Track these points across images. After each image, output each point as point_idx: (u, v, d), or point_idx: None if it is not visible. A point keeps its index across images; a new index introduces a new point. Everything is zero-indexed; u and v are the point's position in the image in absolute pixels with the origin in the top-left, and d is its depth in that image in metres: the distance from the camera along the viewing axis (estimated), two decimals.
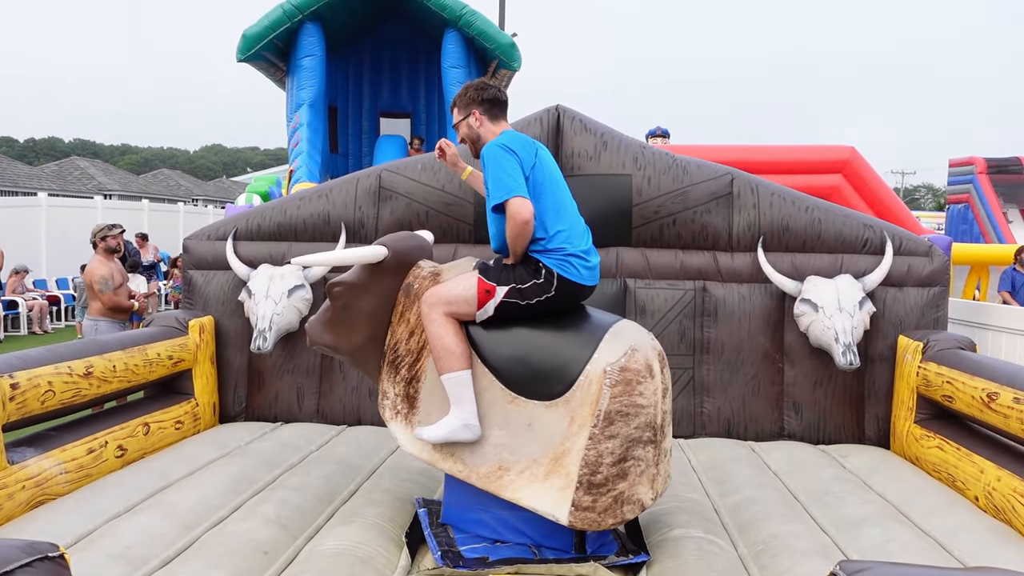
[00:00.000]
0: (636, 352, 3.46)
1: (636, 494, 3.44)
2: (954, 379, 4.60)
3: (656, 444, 3.49)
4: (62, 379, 4.28)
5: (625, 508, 3.42)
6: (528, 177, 3.53)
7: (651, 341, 3.59)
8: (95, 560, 3.21)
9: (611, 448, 3.37)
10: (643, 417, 3.42)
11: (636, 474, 3.43)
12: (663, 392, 3.52)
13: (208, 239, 5.92)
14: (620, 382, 3.39)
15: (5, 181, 32.83)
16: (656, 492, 3.52)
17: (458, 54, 11.03)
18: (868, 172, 9.94)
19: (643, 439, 3.43)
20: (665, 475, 3.58)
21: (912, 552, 3.50)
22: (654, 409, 3.46)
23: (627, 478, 3.41)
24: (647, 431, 3.44)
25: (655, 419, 3.46)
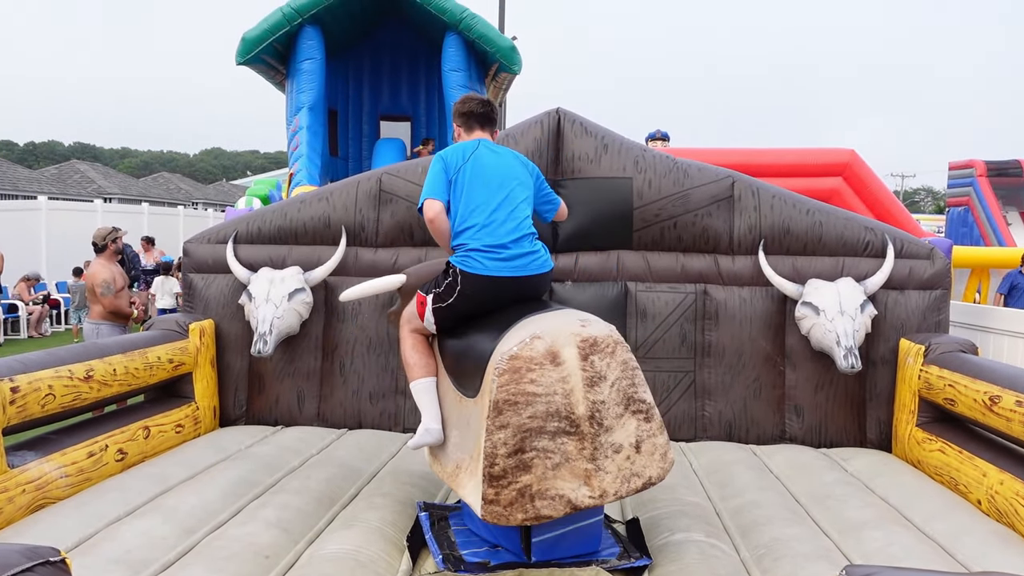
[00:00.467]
0: (537, 340, 3.32)
1: (553, 489, 3.23)
2: (956, 382, 4.59)
3: (579, 436, 3.27)
4: (62, 383, 4.27)
5: (539, 503, 3.22)
6: (452, 180, 3.79)
7: (576, 329, 3.39)
8: (95, 564, 3.20)
9: (504, 439, 3.24)
10: (539, 406, 3.25)
11: (547, 467, 3.24)
12: (588, 382, 3.30)
13: (208, 243, 5.92)
14: (508, 371, 3.28)
15: (5, 184, 32.84)
16: (601, 490, 3.28)
17: (458, 57, 11.04)
18: (868, 175, 9.94)
19: (546, 430, 3.25)
20: (621, 473, 3.32)
21: (914, 556, 3.49)
22: (558, 397, 3.26)
23: (531, 471, 3.23)
24: (551, 421, 3.25)
25: (563, 408, 3.26)
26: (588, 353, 3.33)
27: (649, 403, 3.42)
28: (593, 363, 3.32)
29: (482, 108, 4.00)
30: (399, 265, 5.78)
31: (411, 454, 5.04)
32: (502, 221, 3.70)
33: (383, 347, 5.73)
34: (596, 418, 3.30)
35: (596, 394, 3.31)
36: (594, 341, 3.35)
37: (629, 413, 3.38)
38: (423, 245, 5.79)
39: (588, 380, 3.30)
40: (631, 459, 3.36)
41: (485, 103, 4.03)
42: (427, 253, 5.78)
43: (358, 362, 5.74)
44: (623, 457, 3.34)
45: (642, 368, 5.51)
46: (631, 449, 3.36)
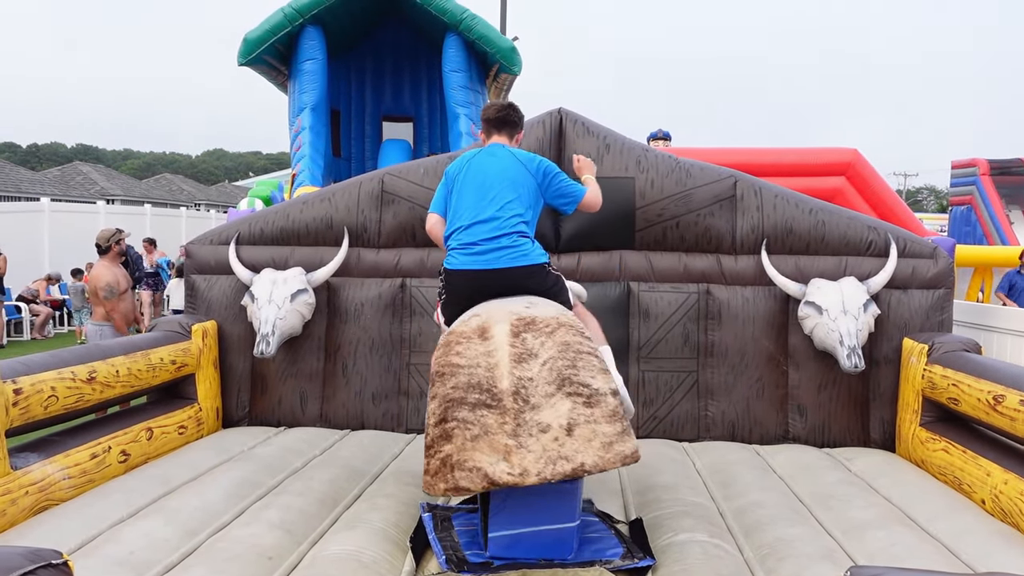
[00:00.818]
0: (475, 318, 3.44)
1: (472, 461, 3.22)
2: (960, 381, 4.58)
3: (499, 410, 3.27)
4: (65, 384, 4.27)
5: (458, 475, 3.22)
6: (450, 190, 4.10)
7: (517, 310, 3.47)
8: (98, 566, 3.19)
9: (433, 409, 3.34)
10: (461, 377, 3.30)
11: (466, 438, 3.25)
12: (515, 357, 3.32)
13: (211, 244, 5.92)
14: (442, 345, 3.44)
15: (8, 186, 32.90)
16: (522, 468, 3.20)
17: (459, 58, 11.04)
18: (871, 174, 9.93)
19: (468, 401, 3.28)
20: (547, 454, 3.22)
21: (918, 556, 3.48)
22: (481, 370, 3.30)
23: (452, 441, 3.25)
24: (473, 392, 3.29)
25: (484, 381, 3.29)
26: (520, 331, 3.38)
27: (594, 389, 3.32)
28: (524, 340, 3.36)
29: (496, 113, 4.19)
30: (401, 266, 5.78)
31: (414, 455, 5.04)
32: (483, 221, 3.87)
33: (385, 348, 5.74)
34: (521, 394, 3.29)
35: (523, 371, 3.31)
36: (531, 320, 3.40)
37: (563, 394, 3.30)
38: (425, 246, 5.79)
39: (516, 356, 3.33)
40: (559, 441, 3.25)
41: (501, 108, 4.21)
42: (429, 254, 5.78)
43: (360, 363, 5.74)
44: (550, 438, 3.25)
45: (645, 368, 5.51)
46: (561, 431, 3.26)
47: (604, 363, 3.45)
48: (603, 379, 3.35)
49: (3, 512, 3.67)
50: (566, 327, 3.39)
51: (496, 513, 3.46)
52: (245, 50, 10.80)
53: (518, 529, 3.46)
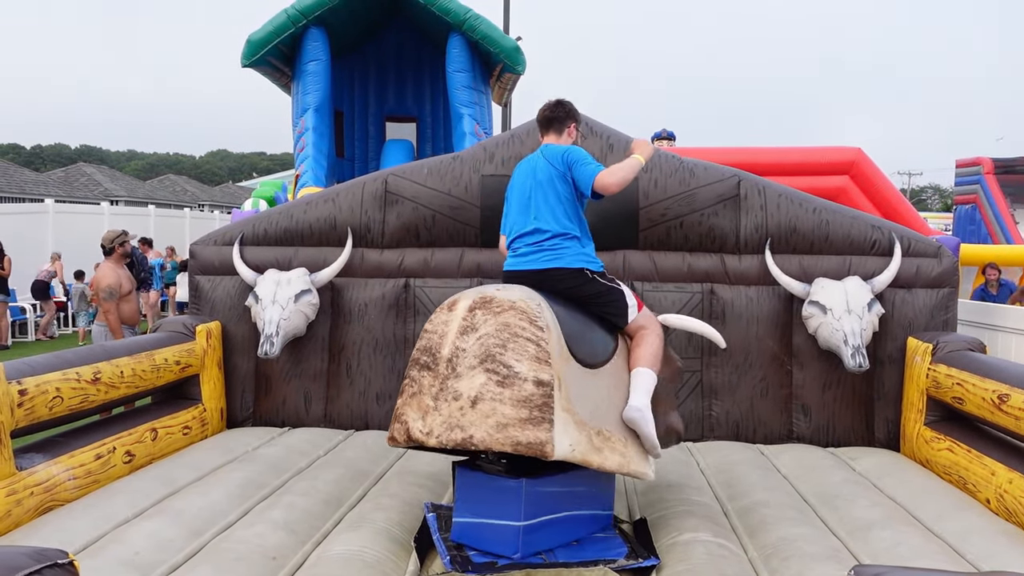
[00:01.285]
0: (461, 298, 3.61)
1: (404, 415, 3.49)
2: (964, 381, 4.57)
3: (434, 373, 3.43)
4: (70, 385, 4.28)
5: (395, 425, 3.53)
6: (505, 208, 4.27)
7: (488, 291, 3.59)
8: (104, 566, 3.20)
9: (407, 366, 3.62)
10: (423, 341, 3.56)
11: (409, 395, 3.51)
12: (461, 329, 3.45)
13: (215, 244, 5.93)
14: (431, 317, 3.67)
15: (12, 188, 32.96)
16: (429, 428, 3.35)
17: (462, 58, 11.04)
18: (875, 173, 9.91)
19: (420, 361, 3.52)
20: (449, 420, 3.31)
21: (923, 555, 3.48)
22: (438, 337, 3.50)
23: (402, 395, 3.55)
24: (425, 355, 3.51)
25: (437, 346, 3.48)
26: (475, 307, 3.50)
27: (514, 371, 3.31)
28: (474, 315, 3.48)
29: (541, 114, 4.29)
30: (405, 266, 5.79)
31: (418, 455, 5.04)
32: (526, 234, 4.01)
33: (389, 348, 5.74)
34: (453, 362, 3.42)
35: (463, 342, 3.44)
36: (489, 300, 3.51)
37: (482, 368, 3.34)
38: (429, 246, 5.80)
39: (462, 328, 3.47)
40: (463, 411, 3.31)
41: (546, 107, 4.28)
42: (433, 254, 5.78)
43: (364, 363, 5.75)
44: (457, 406, 3.33)
45: None
46: (467, 401, 3.31)
47: (543, 352, 3.38)
48: (531, 366, 3.33)
49: (8, 513, 3.68)
50: (517, 311, 3.44)
51: (458, 500, 3.72)
52: (249, 51, 10.82)
53: (472, 518, 3.64)
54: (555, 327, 3.55)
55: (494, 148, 5.80)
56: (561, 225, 3.94)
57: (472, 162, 5.76)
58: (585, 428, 3.48)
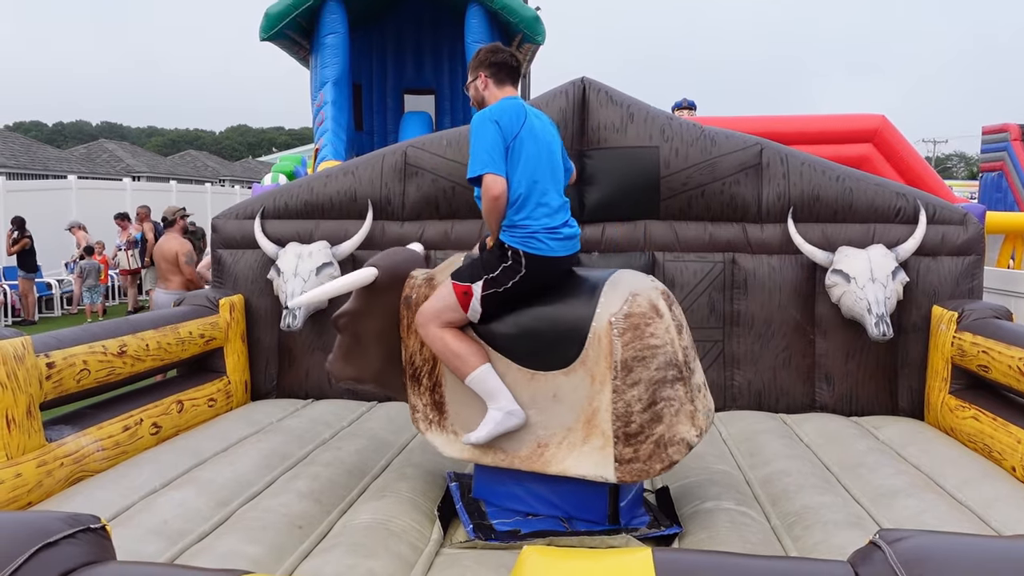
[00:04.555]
0: (637, 296, 3.49)
1: (678, 434, 3.40)
2: (990, 348, 4.53)
3: (684, 381, 3.44)
4: (96, 358, 4.33)
5: (670, 450, 3.40)
6: (509, 147, 3.48)
7: (652, 283, 3.60)
8: (134, 535, 3.26)
9: (637, 395, 3.39)
10: (661, 357, 3.41)
11: (671, 414, 3.40)
12: (677, 329, 3.48)
13: (236, 218, 5.95)
14: (628, 329, 3.42)
15: (36, 164, 33.20)
16: (700, 428, 3.45)
17: (481, 29, 10.95)
18: (899, 141, 9.77)
19: (668, 379, 3.41)
20: (706, 410, 3.51)
21: (947, 523, 3.47)
22: (671, 347, 3.42)
23: (663, 421, 3.40)
24: (670, 370, 3.41)
25: (675, 356, 3.42)
26: (671, 303, 3.56)
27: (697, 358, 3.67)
28: (675, 312, 3.55)
29: (516, 61, 3.77)
30: (425, 238, 5.79)
31: None
32: (553, 197, 3.58)
33: None
34: (687, 362, 3.49)
35: (683, 340, 3.51)
36: (666, 291, 3.60)
37: (695, 355, 3.59)
38: (449, 218, 5.79)
39: (677, 327, 3.51)
40: (704, 395, 3.55)
41: (510, 54, 3.80)
42: (453, 226, 5.78)
43: None
44: (703, 396, 3.54)
45: None
46: (704, 387, 3.58)
47: None
48: None
49: (40, 483, 3.75)
50: (670, 294, 3.64)
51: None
52: (267, 25, 10.78)
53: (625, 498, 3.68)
54: None
55: None
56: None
57: None
58: None
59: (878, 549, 1.77)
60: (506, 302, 3.59)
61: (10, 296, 14.53)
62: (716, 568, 1.78)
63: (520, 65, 3.83)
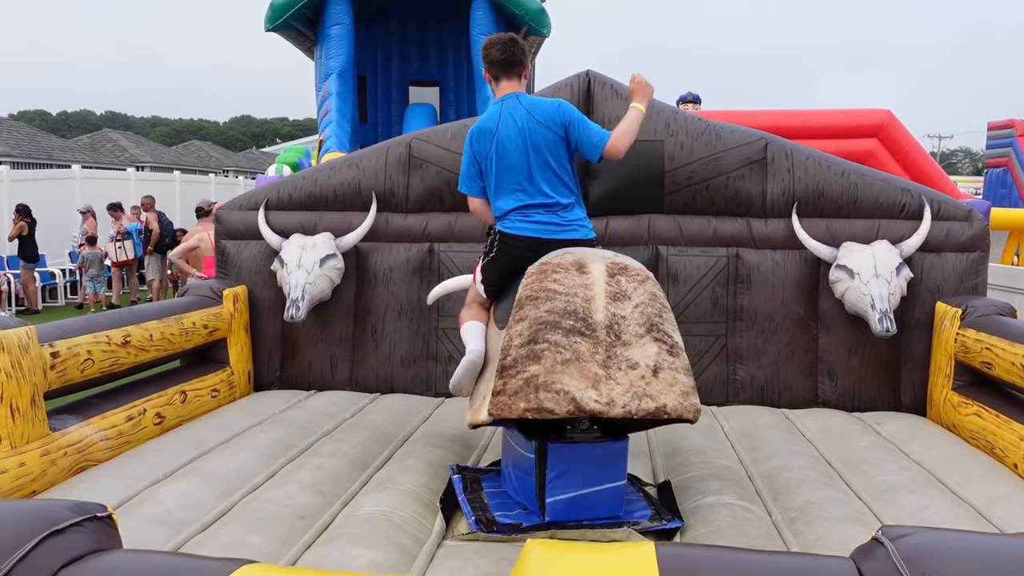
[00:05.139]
0: (568, 254, 3.54)
1: (559, 384, 3.24)
2: (993, 345, 4.53)
3: (593, 339, 3.31)
4: (100, 348, 4.34)
5: (542, 395, 3.24)
6: (482, 166, 3.98)
7: (608, 255, 3.59)
8: (137, 524, 3.27)
9: (519, 331, 3.38)
10: (557, 302, 3.38)
11: (555, 361, 3.28)
12: (610, 295, 3.40)
13: (240, 209, 5.95)
14: (534, 273, 3.53)
15: (40, 154, 33.23)
16: (609, 398, 3.25)
17: (486, 21, 10.94)
18: (904, 136, 9.77)
19: (561, 325, 3.33)
20: (633, 389, 3.27)
21: (949, 519, 3.47)
22: (576, 299, 3.38)
23: (540, 362, 3.28)
24: (567, 319, 3.34)
25: (578, 308, 3.36)
26: (615, 273, 3.49)
27: (676, 341, 3.43)
28: (619, 282, 3.47)
29: (502, 54, 3.87)
30: (429, 230, 5.79)
31: (443, 418, 5.09)
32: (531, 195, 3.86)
33: (414, 312, 5.76)
34: (614, 329, 3.37)
35: (618, 308, 3.41)
36: (625, 266, 3.55)
37: (651, 338, 3.38)
38: (453, 210, 5.79)
39: (611, 294, 3.43)
40: (646, 379, 3.31)
41: (505, 46, 3.88)
42: (457, 218, 5.78)
43: (390, 327, 5.78)
44: (638, 375, 3.31)
45: None
46: (647, 370, 3.32)
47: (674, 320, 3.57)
48: (678, 335, 3.48)
49: (43, 472, 3.76)
50: (652, 280, 3.55)
51: (554, 478, 3.48)
52: (272, 15, 10.78)
53: (575, 492, 3.51)
54: None
55: None
56: (572, 194, 3.91)
57: None
58: None
59: (880, 545, 1.77)
60: (499, 275, 4.02)
61: (14, 285, 14.55)
62: (718, 563, 1.79)
63: (511, 55, 3.89)
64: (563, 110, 3.84)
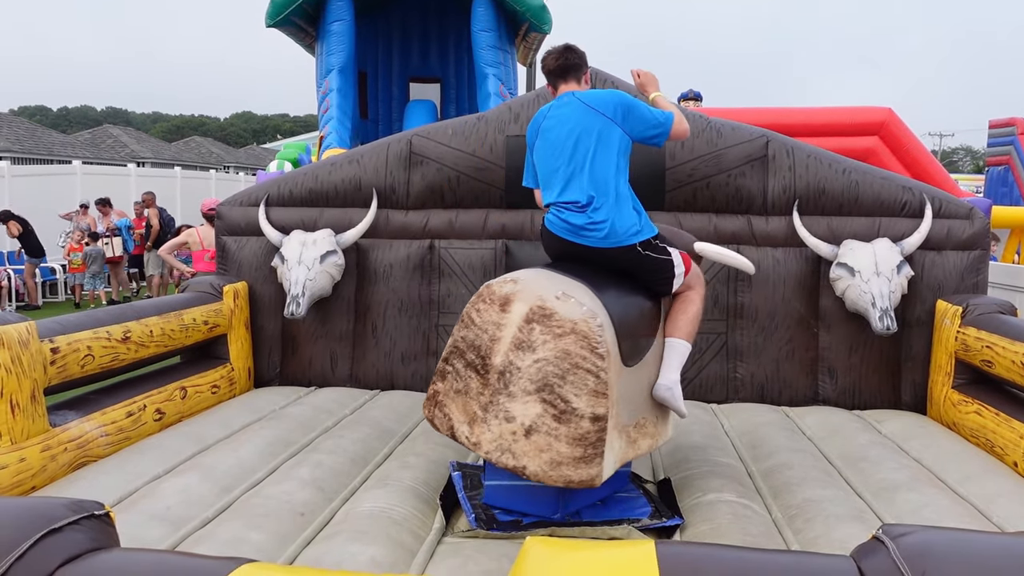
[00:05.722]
0: (510, 283, 3.42)
1: (447, 408, 3.41)
2: (994, 344, 4.53)
3: (484, 380, 3.29)
4: (100, 343, 4.34)
5: (436, 412, 3.47)
6: (531, 158, 3.98)
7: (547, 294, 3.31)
8: (137, 520, 3.27)
9: (448, 344, 3.52)
10: (470, 332, 3.40)
11: (451, 387, 3.42)
12: (515, 342, 3.25)
13: (240, 205, 5.95)
14: (477, 294, 3.51)
15: (40, 149, 33.22)
16: (477, 439, 3.26)
17: (488, 17, 10.92)
18: (905, 134, 9.76)
19: (465, 357, 3.39)
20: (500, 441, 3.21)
21: (949, 517, 3.47)
22: (488, 339, 3.32)
23: (444, 381, 3.48)
24: (471, 351, 3.37)
25: (487, 350, 3.30)
26: (533, 320, 3.27)
27: (572, 407, 3.17)
28: (532, 331, 3.26)
29: (556, 62, 3.92)
30: (430, 227, 5.78)
31: None
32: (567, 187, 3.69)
33: (415, 309, 5.76)
34: (505, 377, 3.26)
35: (516, 357, 3.25)
36: (549, 314, 3.25)
37: (538, 397, 3.20)
38: (454, 207, 5.79)
39: (517, 342, 3.27)
40: (516, 436, 3.20)
41: (559, 55, 3.91)
42: (457, 215, 5.77)
43: (390, 324, 5.78)
44: (509, 429, 3.21)
45: None
46: (520, 428, 3.20)
47: (602, 383, 3.20)
48: (589, 401, 3.18)
49: (43, 468, 3.76)
50: (578, 336, 3.22)
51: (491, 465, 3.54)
52: (273, 11, 10.77)
53: (511, 480, 3.51)
54: (613, 344, 3.32)
55: (519, 108, 5.75)
56: (613, 189, 3.64)
57: (497, 123, 5.73)
58: (626, 430, 3.43)
59: (881, 544, 1.77)
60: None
61: (14, 280, 14.54)
62: (718, 561, 1.79)
63: (564, 61, 3.92)
64: (618, 95, 3.76)
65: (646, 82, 4.04)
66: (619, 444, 3.37)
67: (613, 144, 3.69)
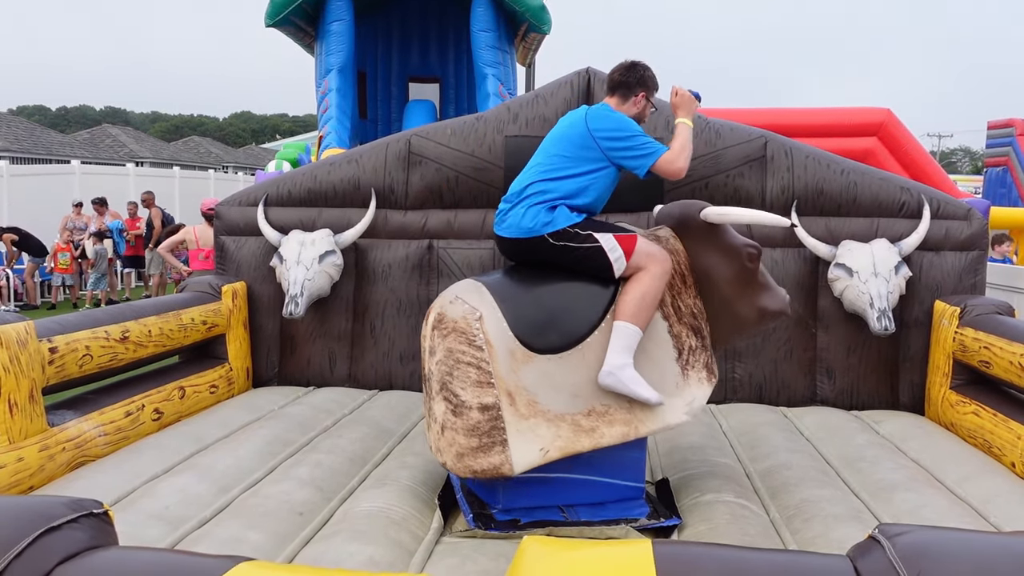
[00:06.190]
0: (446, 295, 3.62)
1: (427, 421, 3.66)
2: (991, 344, 4.53)
3: (427, 387, 3.60)
4: (99, 343, 4.34)
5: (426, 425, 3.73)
6: None
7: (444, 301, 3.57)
8: (135, 520, 3.27)
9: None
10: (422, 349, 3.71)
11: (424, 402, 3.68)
12: (429, 349, 3.57)
13: (239, 205, 5.95)
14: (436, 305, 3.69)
15: (39, 149, 33.18)
16: (430, 442, 3.55)
17: (487, 17, 10.91)
18: (904, 134, 9.77)
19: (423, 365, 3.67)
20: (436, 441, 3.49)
21: (947, 518, 3.48)
22: (425, 345, 3.63)
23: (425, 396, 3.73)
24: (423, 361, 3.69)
25: (425, 355, 3.63)
26: (435, 326, 3.55)
27: (460, 400, 3.40)
28: (434, 336, 3.54)
29: (610, 77, 3.94)
30: (428, 227, 5.79)
31: None
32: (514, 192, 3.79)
33: (413, 309, 5.76)
34: (430, 383, 3.54)
35: (431, 363, 3.56)
36: (441, 318, 3.53)
37: (441, 396, 3.47)
38: (452, 207, 5.79)
39: (429, 348, 3.58)
40: (438, 436, 3.48)
41: (617, 69, 3.92)
42: (456, 215, 5.78)
43: (388, 324, 5.78)
44: (436, 429, 3.50)
45: None
46: (438, 427, 3.48)
47: (484, 374, 3.39)
48: (474, 392, 3.40)
49: (42, 467, 3.76)
50: (457, 333, 3.45)
51: None
52: (272, 11, 10.76)
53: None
54: (500, 336, 3.44)
55: (518, 109, 5.76)
56: (543, 181, 3.67)
57: (496, 123, 5.73)
58: (564, 419, 3.45)
59: (877, 544, 1.77)
60: None
61: (12, 280, 14.52)
62: (715, 561, 1.79)
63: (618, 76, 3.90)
64: (618, 119, 3.76)
65: (679, 104, 3.94)
66: (550, 432, 3.42)
67: (582, 155, 3.72)
